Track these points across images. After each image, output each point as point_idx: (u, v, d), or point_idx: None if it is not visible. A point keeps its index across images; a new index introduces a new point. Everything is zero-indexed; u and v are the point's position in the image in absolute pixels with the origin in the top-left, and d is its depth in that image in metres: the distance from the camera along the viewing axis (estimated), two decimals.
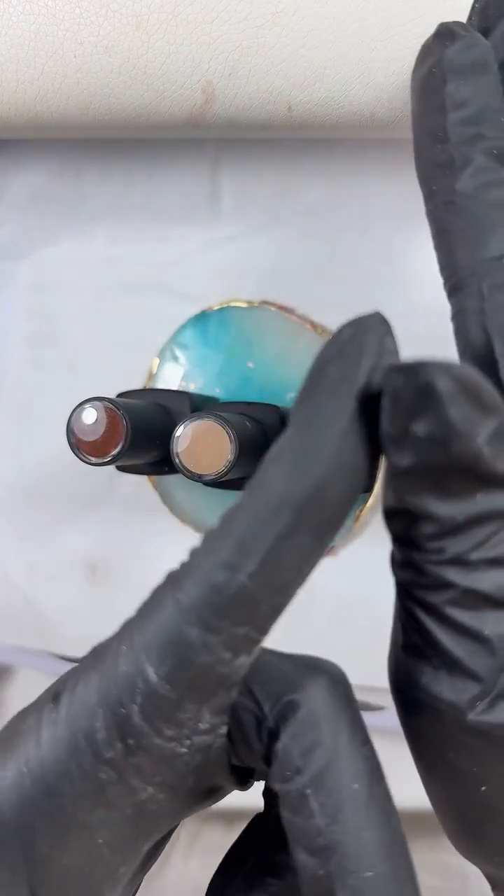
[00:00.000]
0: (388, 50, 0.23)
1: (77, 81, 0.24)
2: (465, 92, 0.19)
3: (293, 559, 0.13)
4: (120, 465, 0.28)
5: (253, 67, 0.24)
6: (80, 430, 0.24)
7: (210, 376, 0.30)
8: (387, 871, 0.13)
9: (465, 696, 0.15)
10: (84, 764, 0.14)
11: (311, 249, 0.30)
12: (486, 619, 0.15)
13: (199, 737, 0.14)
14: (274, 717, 0.14)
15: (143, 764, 0.14)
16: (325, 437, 0.13)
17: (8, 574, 0.32)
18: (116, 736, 0.14)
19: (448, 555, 0.14)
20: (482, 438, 0.13)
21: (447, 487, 0.13)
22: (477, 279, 0.18)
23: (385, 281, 0.29)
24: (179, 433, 0.24)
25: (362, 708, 0.15)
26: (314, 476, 0.13)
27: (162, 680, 0.13)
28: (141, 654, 0.13)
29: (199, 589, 0.13)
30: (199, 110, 0.25)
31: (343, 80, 0.23)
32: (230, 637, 0.13)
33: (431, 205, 0.19)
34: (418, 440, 0.13)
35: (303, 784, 0.14)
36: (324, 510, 0.13)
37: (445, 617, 0.15)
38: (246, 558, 0.13)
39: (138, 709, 0.13)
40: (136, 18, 0.23)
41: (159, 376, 0.31)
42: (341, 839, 0.13)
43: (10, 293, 0.32)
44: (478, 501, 0.14)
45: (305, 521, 0.13)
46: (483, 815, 0.16)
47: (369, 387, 0.13)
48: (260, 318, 0.30)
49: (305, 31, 0.23)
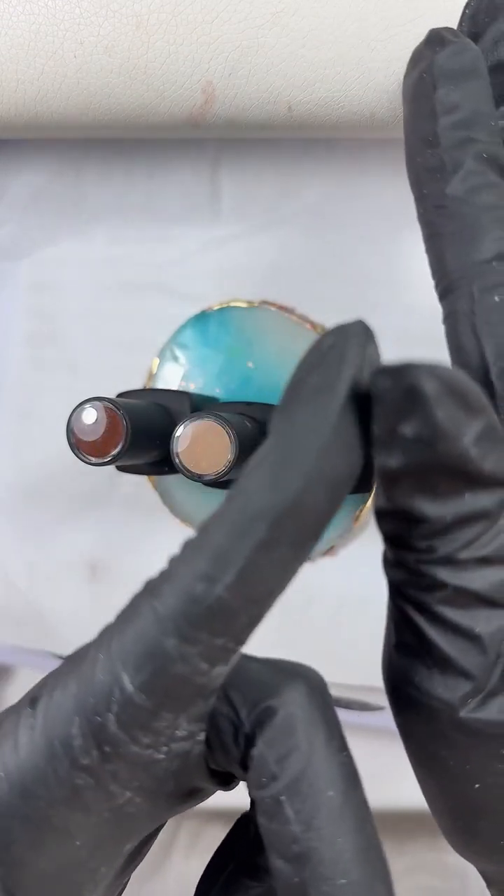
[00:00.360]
0: (388, 50, 0.23)
1: (77, 81, 0.24)
2: (456, 97, 0.19)
3: (271, 571, 0.13)
4: (120, 465, 0.28)
5: (253, 67, 0.24)
6: (80, 430, 0.24)
7: (210, 376, 0.30)
8: (361, 877, 0.13)
9: (457, 693, 0.15)
10: (60, 770, 0.14)
11: (312, 249, 0.30)
12: (477, 617, 0.15)
13: (176, 743, 0.14)
14: (250, 723, 0.14)
15: (119, 770, 0.14)
16: (305, 450, 0.13)
17: (8, 574, 0.32)
18: (93, 743, 0.14)
19: (438, 554, 0.14)
20: (469, 439, 0.13)
21: (435, 488, 0.14)
22: (467, 282, 0.18)
23: (385, 281, 0.29)
24: (179, 433, 0.24)
25: (362, 708, 0.15)
26: (293, 488, 0.13)
27: (138, 689, 0.13)
28: (117, 663, 0.13)
29: (177, 599, 0.13)
30: (199, 110, 0.25)
31: (343, 80, 0.24)
32: (207, 648, 0.13)
33: (423, 208, 0.20)
34: (406, 441, 0.13)
35: (278, 790, 0.14)
36: (303, 522, 0.13)
37: (437, 615, 0.15)
38: (223, 570, 0.13)
39: (114, 717, 0.13)
40: (136, 18, 0.23)
41: (159, 376, 0.31)
42: (316, 846, 0.13)
43: (10, 293, 0.32)
44: (466, 501, 0.14)
45: (284, 534, 0.13)
46: (476, 813, 0.16)
47: (356, 390, 0.13)
48: (260, 318, 0.30)
49: (305, 31, 0.23)
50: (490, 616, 0.15)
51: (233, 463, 0.24)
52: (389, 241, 0.29)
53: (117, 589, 0.31)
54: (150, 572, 0.14)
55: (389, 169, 0.29)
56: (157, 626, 0.13)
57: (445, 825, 0.17)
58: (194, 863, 0.36)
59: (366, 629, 0.29)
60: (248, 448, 0.25)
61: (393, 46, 0.23)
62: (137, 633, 0.13)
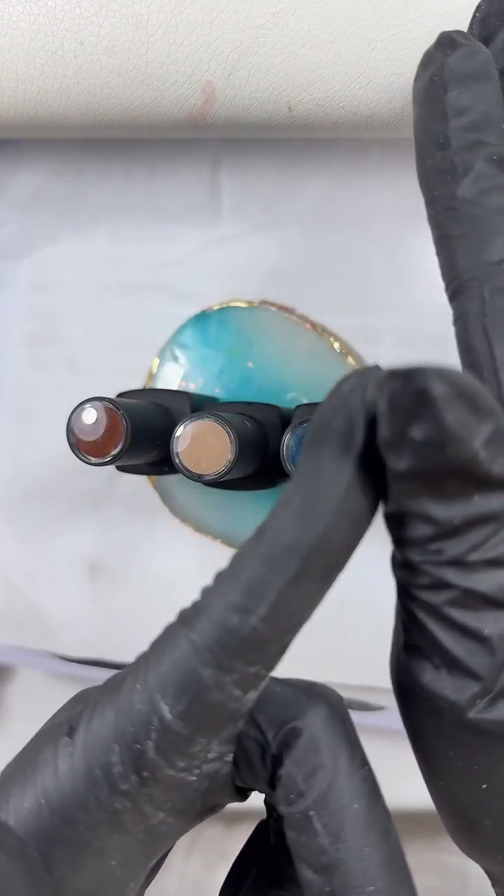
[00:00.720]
0: (388, 50, 0.23)
1: (77, 81, 0.24)
2: (466, 99, 0.19)
3: (301, 602, 0.14)
4: (120, 465, 0.28)
5: (253, 67, 0.24)
6: (80, 430, 0.24)
7: (210, 376, 0.30)
8: (388, 885, 0.14)
9: (466, 694, 0.15)
10: (101, 795, 0.14)
11: (312, 249, 0.30)
12: (485, 618, 0.15)
13: (207, 765, 0.15)
14: (277, 744, 0.15)
15: (155, 793, 0.15)
16: (331, 490, 0.14)
17: (8, 574, 0.32)
18: (132, 769, 0.14)
19: (446, 556, 0.14)
20: (478, 442, 0.13)
21: (444, 490, 0.14)
22: (478, 283, 0.18)
23: (385, 281, 0.29)
24: (179, 433, 0.24)
25: (362, 708, 0.15)
26: (321, 526, 0.13)
27: (176, 718, 0.14)
28: (156, 693, 0.14)
29: (213, 630, 0.14)
30: (199, 110, 0.25)
31: (343, 80, 0.24)
32: (242, 676, 0.14)
33: (433, 210, 0.20)
34: (415, 444, 0.13)
35: (306, 806, 0.14)
36: (330, 556, 0.14)
37: (445, 617, 0.15)
38: (257, 602, 0.13)
39: (153, 744, 0.14)
40: (136, 18, 0.23)
41: (159, 376, 0.31)
42: (344, 857, 0.14)
43: (10, 293, 0.32)
44: (475, 503, 0.14)
45: (312, 568, 0.14)
46: (483, 813, 0.16)
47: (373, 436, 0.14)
48: (260, 318, 0.30)
49: (305, 31, 0.23)
50: (498, 617, 0.15)
51: (233, 463, 0.24)
52: (390, 241, 0.29)
53: (117, 589, 0.31)
54: (150, 572, 0.15)
55: (389, 169, 0.29)
56: (195, 657, 0.14)
57: (451, 824, 0.17)
58: (194, 863, 0.36)
59: (366, 630, 0.29)
60: (248, 448, 0.25)
61: (393, 46, 0.23)
62: (174, 663, 0.14)
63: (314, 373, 0.30)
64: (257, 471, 0.27)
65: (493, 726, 0.15)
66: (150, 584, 0.31)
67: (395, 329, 0.29)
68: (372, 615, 0.29)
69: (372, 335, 0.30)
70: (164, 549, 0.31)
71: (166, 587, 0.31)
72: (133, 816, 0.15)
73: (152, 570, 0.31)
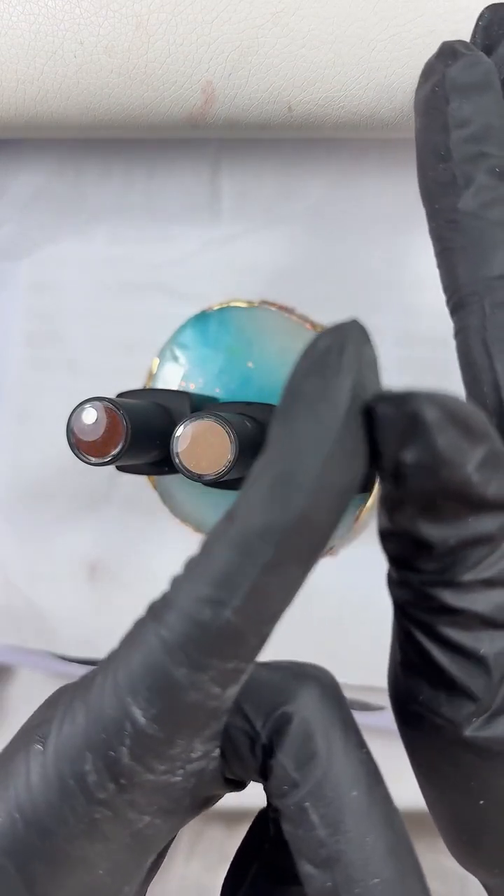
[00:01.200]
0: (388, 50, 0.23)
1: (77, 81, 0.24)
2: (468, 110, 0.19)
3: (278, 590, 0.13)
4: (120, 465, 0.28)
5: (253, 67, 0.24)
6: (80, 430, 0.24)
7: (210, 376, 0.30)
8: (393, 875, 0.13)
9: (462, 713, 0.15)
10: (77, 807, 0.14)
11: (312, 249, 0.30)
12: (481, 638, 0.15)
13: (191, 764, 0.14)
14: (266, 733, 0.14)
15: (136, 798, 0.14)
16: (308, 462, 0.12)
17: (8, 574, 0.32)
18: (107, 777, 0.13)
19: (442, 577, 0.14)
20: (471, 466, 0.13)
21: (439, 512, 0.14)
22: (479, 297, 0.18)
23: (385, 281, 0.29)
24: (179, 433, 0.24)
25: (362, 708, 0.15)
26: (299, 505, 0.12)
27: (150, 721, 0.13)
28: (127, 696, 0.13)
29: (184, 626, 0.13)
30: (199, 110, 0.25)
31: (343, 80, 0.24)
32: (219, 672, 0.13)
33: (434, 223, 0.20)
34: (408, 468, 0.13)
35: (301, 797, 0.14)
36: (309, 538, 0.13)
37: (441, 636, 0.15)
38: (230, 593, 0.12)
39: (127, 751, 0.13)
40: (136, 18, 0.23)
41: (159, 376, 0.31)
42: (344, 849, 0.13)
43: (10, 293, 0.32)
44: (470, 525, 0.14)
45: (290, 552, 0.12)
46: (480, 828, 0.16)
47: (354, 397, 0.13)
48: (260, 318, 0.30)
49: (305, 31, 0.23)
50: (494, 637, 0.15)
51: (233, 463, 0.24)
52: (390, 241, 0.29)
53: (117, 589, 0.31)
54: (150, 572, 0.14)
55: (389, 169, 0.29)
56: (166, 656, 0.13)
57: (449, 838, 0.17)
58: (195, 864, 0.36)
59: (366, 629, 0.29)
60: (248, 448, 0.25)
61: (393, 46, 0.23)
62: (145, 663, 0.13)
63: None
64: None
65: (490, 744, 0.15)
66: (150, 584, 0.31)
67: (395, 329, 0.29)
68: (372, 615, 0.29)
69: (372, 335, 0.30)
70: (164, 549, 0.31)
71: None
72: (115, 824, 0.14)
73: (152, 570, 0.31)
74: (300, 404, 0.13)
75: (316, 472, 0.12)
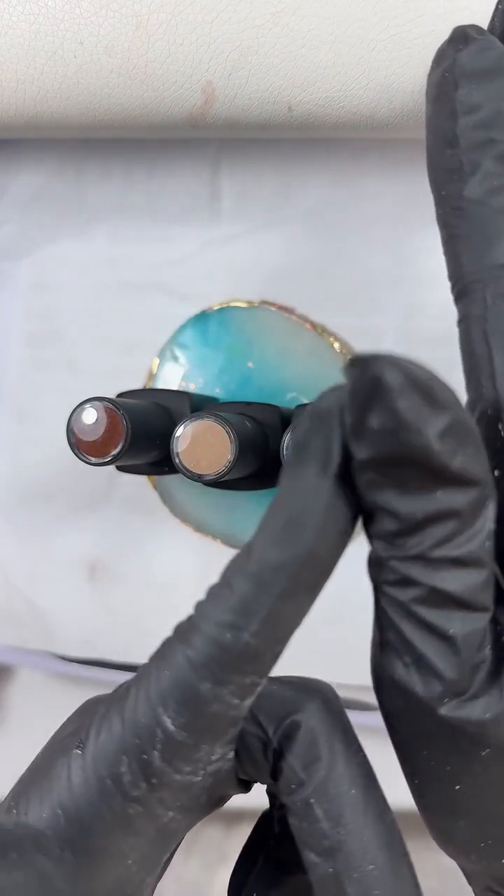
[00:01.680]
0: (388, 50, 0.23)
1: (77, 81, 0.24)
2: (477, 96, 0.19)
3: (291, 614, 0.15)
4: (120, 465, 0.28)
5: (253, 67, 0.24)
6: (80, 430, 0.24)
7: (210, 376, 0.30)
8: (387, 863, 0.15)
9: (435, 691, 0.15)
10: (114, 804, 0.15)
11: (312, 249, 0.30)
12: (452, 618, 0.15)
13: (211, 766, 0.16)
14: (277, 738, 0.16)
15: (164, 796, 0.15)
16: (313, 509, 0.14)
17: (8, 574, 0.32)
18: (141, 777, 0.15)
19: (410, 552, 0.15)
20: (433, 433, 0.13)
21: (406, 484, 0.14)
22: (481, 286, 0.18)
23: (385, 281, 0.29)
24: (179, 433, 0.24)
25: (361, 708, 0.16)
26: (306, 543, 0.14)
27: (179, 729, 0.15)
28: (158, 707, 0.15)
29: (208, 647, 0.14)
30: (199, 110, 0.25)
31: (343, 80, 0.24)
32: (238, 686, 0.15)
33: (441, 210, 0.19)
34: (373, 432, 0.13)
35: (307, 794, 0.15)
36: (316, 569, 0.14)
37: (413, 614, 0.15)
38: (249, 619, 0.14)
39: (159, 754, 0.15)
40: (136, 18, 0.23)
41: (159, 376, 0.31)
42: (345, 839, 0.15)
43: (10, 293, 0.32)
44: (437, 499, 0.14)
45: (300, 583, 0.14)
46: (456, 813, 0.17)
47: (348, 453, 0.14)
48: (260, 318, 0.30)
49: (305, 31, 0.23)
50: (465, 618, 0.15)
51: (233, 463, 0.24)
52: (389, 241, 0.29)
53: (117, 589, 0.31)
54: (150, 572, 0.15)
55: (389, 169, 0.29)
56: (192, 673, 0.15)
57: (428, 821, 0.18)
58: (193, 864, 0.36)
59: (365, 629, 0.29)
60: (248, 448, 0.25)
61: (393, 46, 0.23)
62: (174, 678, 0.15)
63: (314, 373, 0.30)
64: (257, 471, 0.27)
65: (463, 724, 0.15)
66: (149, 584, 0.31)
67: (395, 329, 0.29)
68: (371, 614, 0.29)
69: (372, 335, 0.30)
70: (164, 549, 0.31)
71: (166, 587, 0.31)
72: (145, 819, 0.16)
73: (152, 570, 0.31)
74: (305, 458, 0.15)
75: (320, 514, 0.14)
